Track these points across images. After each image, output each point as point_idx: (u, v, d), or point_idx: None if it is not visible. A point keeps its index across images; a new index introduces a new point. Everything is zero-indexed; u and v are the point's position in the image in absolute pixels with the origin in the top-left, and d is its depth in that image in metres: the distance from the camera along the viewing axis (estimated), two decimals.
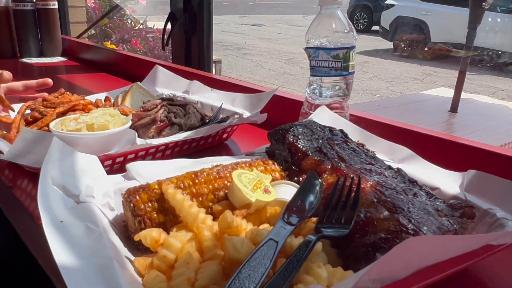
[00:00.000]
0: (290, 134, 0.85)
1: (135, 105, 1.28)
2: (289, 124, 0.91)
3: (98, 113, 1.02)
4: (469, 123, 4.11)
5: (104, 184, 0.76)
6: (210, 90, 1.41)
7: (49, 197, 0.68)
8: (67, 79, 2.18)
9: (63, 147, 0.76)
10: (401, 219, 0.62)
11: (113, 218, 0.74)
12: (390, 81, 8.44)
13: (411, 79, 8.56)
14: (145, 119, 1.13)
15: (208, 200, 0.72)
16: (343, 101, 1.12)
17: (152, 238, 0.62)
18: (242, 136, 1.29)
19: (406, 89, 7.72)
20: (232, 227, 0.61)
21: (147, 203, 0.68)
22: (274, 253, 0.55)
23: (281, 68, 9.30)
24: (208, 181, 0.73)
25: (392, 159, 0.94)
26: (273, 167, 0.80)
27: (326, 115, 1.06)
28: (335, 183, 0.71)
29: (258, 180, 0.72)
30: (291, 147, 0.84)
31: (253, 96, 1.27)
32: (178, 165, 0.87)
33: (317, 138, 0.87)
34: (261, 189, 0.70)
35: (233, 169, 0.77)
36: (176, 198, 0.66)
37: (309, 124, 0.91)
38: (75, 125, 0.97)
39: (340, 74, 1.08)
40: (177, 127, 1.13)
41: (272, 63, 9.73)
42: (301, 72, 8.94)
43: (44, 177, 0.71)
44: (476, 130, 3.77)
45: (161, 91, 1.49)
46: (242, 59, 10.07)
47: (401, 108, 4.63)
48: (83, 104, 1.12)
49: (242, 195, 0.67)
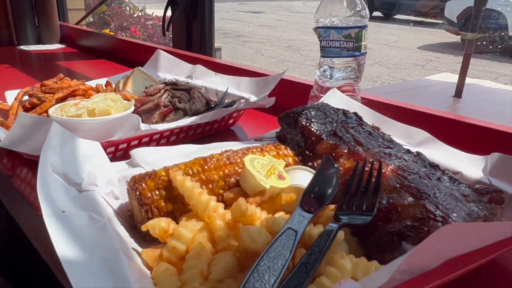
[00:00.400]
0: (303, 117, 0.81)
1: (137, 90, 1.23)
2: (301, 107, 0.86)
3: (99, 98, 0.97)
4: (474, 108, 4.06)
5: (107, 171, 0.72)
6: (214, 74, 1.36)
7: (49, 185, 0.64)
8: (66, 66, 2.12)
9: (63, 132, 0.72)
10: (428, 205, 0.57)
11: (118, 207, 0.70)
12: (392, 67, 8.35)
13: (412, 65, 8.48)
14: (148, 105, 1.08)
15: (218, 187, 0.68)
16: (354, 83, 1.08)
17: (161, 228, 0.58)
18: (248, 121, 1.25)
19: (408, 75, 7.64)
20: (246, 216, 0.57)
21: (154, 191, 0.64)
22: (293, 243, 0.51)
23: (282, 56, 9.21)
24: (218, 167, 0.69)
25: (409, 142, 0.90)
26: (285, 152, 0.76)
27: (338, 98, 1.02)
28: (354, 168, 0.67)
29: (271, 165, 0.68)
30: (304, 131, 0.79)
31: (260, 80, 1.22)
32: (185, 151, 0.83)
33: (331, 121, 0.82)
34: (275, 175, 0.66)
35: (244, 154, 0.73)
36: (185, 185, 0.62)
37: (322, 107, 0.86)
38: (75, 110, 0.92)
39: (352, 55, 1.03)
40: (181, 112, 1.08)
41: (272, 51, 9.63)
42: (301, 59, 8.84)
43: (44, 164, 0.66)
44: (481, 116, 3.71)
45: (164, 76, 1.44)
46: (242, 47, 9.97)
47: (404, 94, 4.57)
48: (83, 89, 1.07)
49: (256, 182, 0.63)
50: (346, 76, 1.06)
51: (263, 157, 0.69)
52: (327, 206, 0.62)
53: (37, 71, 2.05)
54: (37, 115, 1.00)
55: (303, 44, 10.17)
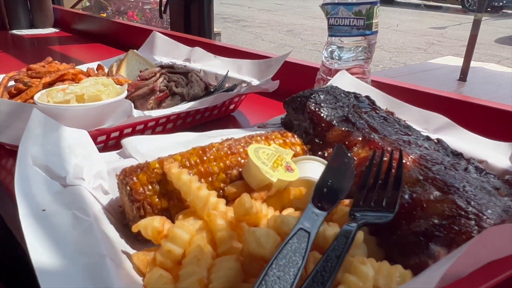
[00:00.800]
0: (311, 102, 0.73)
1: (131, 74, 1.16)
2: (309, 91, 0.79)
3: (89, 83, 0.90)
4: (480, 91, 3.96)
5: (96, 163, 0.65)
6: (214, 57, 1.28)
7: (29, 180, 0.57)
8: (60, 50, 2.04)
9: (46, 120, 0.65)
10: (458, 201, 0.50)
11: (107, 203, 0.63)
12: (393, 51, 8.23)
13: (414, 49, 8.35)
14: (143, 89, 1.01)
15: (219, 181, 0.61)
16: (364, 64, 1.00)
17: (154, 228, 0.51)
18: (250, 107, 1.17)
19: (410, 59, 7.53)
20: (251, 214, 0.50)
21: (146, 185, 0.57)
22: (306, 247, 0.44)
23: (282, 40, 9.07)
24: (218, 158, 0.62)
25: (426, 128, 0.83)
26: (293, 140, 0.69)
27: (347, 80, 0.94)
28: (370, 158, 0.60)
29: (278, 156, 0.60)
30: (313, 116, 0.72)
31: (262, 63, 1.15)
32: (182, 140, 0.75)
33: (342, 106, 0.75)
34: (282, 167, 0.58)
35: (247, 143, 0.65)
36: (182, 179, 0.55)
37: (332, 90, 0.78)
38: (63, 96, 0.84)
39: (362, 34, 0.95)
40: (178, 98, 1.01)
41: (272, 35, 9.49)
42: (302, 44, 8.72)
43: (23, 156, 0.59)
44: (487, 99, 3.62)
45: (160, 59, 1.36)
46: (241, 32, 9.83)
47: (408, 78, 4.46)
48: (72, 74, 0.99)
49: (261, 174, 0.56)
50: (356, 57, 0.98)
51: (269, 146, 0.62)
52: (341, 201, 0.55)
53: (30, 56, 1.96)
54: (23, 102, 0.93)
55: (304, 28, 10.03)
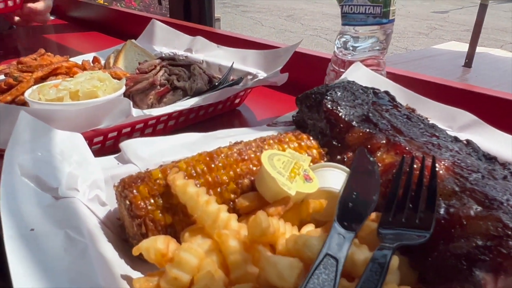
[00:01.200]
0: (328, 100, 0.67)
1: (129, 66, 1.09)
2: (324, 86, 0.72)
3: (84, 78, 0.83)
4: (485, 78, 3.88)
5: (91, 170, 0.58)
6: (217, 47, 1.20)
7: (16, 193, 0.51)
8: (56, 39, 1.96)
9: (35, 123, 0.58)
10: (504, 218, 0.44)
11: (104, 215, 0.57)
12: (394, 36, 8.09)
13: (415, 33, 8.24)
14: (142, 84, 0.94)
15: (229, 191, 0.54)
16: (380, 55, 0.93)
17: (157, 251, 0.45)
18: (256, 101, 1.10)
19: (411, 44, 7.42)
20: (268, 234, 0.44)
21: (148, 199, 0.51)
22: (335, 278, 0.38)
23: (282, 26, 8.95)
24: (227, 165, 0.56)
25: (450, 126, 0.76)
26: (308, 143, 0.62)
27: (362, 73, 0.87)
28: (399, 166, 0.54)
29: (294, 163, 0.54)
30: (330, 116, 0.65)
31: (268, 53, 1.07)
32: (185, 141, 0.69)
33: (361, 104, 0.68)
34: (300, 176, 0.52)
35: (258, 147, 0.59)
36: (188, 193, 0.49)
37: (349, 86, 0.72)
38: (56, 93, 0.78)
39: (378, 22, 0.88)
40: (180, 92, 0.94)
41: (272, 20, 9.35)
42: (302, 29, 8.60)
43: (10, 165, 0.53)
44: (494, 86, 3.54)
45: (160, 49, 1.28)
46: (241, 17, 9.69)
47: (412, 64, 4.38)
48: (66, 67, 0.92)
49: (277, 187, 0.49)
50: (371, 47, 0.91)
51: (284, 152, 0.56)
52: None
53: (22, 46, 1.89)
54: (13, 98, 0.86)
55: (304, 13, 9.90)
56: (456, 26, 8.60)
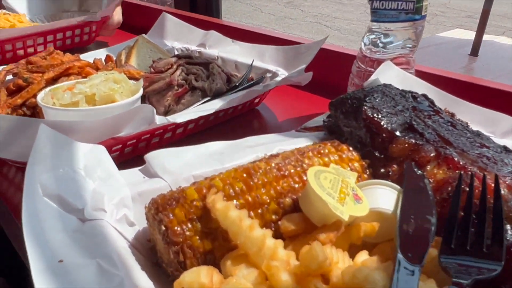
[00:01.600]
0: (368, 106, 0.62)
1: (142, 64, 1.03)
2: (361, 91, 0.67)
3: (99, 79, 0.78)
4: (492, 67, 3.81)
5: (117, 187, 0.54)
6: (231, 41, 1.15)
7: (39, 217, 0.46)
8: None
9: (55, 137, 0.53)
10: None
11: (134, 237, 0.52)
12: None
13: None
14: (158, 84, 0.89)
15: (270, 212, 0.50)
16: (410, 53, 0.88)
17: (201, 285, 0.40)
18: (275, 99, 1.05)
19: None
20: (324, 268, 0.40)
21: (185, 223, 0.46)
22: None
23: (281, 12, 8.82)
24: (267, 182, 0.51)
25: (492, 132, 0.72)
26: (350, 155, 0.58)
27: (393, 73, 0.82)
28: (456, 184, 0.49)
29: (341, 180, 0.50)
30: (371, 124, 0.61)
31: (289, 50, 1.02)
32: (213, 150, 0.64)
33: (402, 110, 0.63)
34: (349, 197, 0.48)
35: (298, 161, 0.54)
36: (230, 217, 0.44)
37: (387, 90, 0.67)
38: (70, 97, 0.73)
39: (411, 19, 0.83)
40: (199, 93, 0.89)
41: (271, 7, 9.22)
42: (302, 16, 8.48)
43: (31, 186, 0.48)
44: (501, 75, 3.49)
45: (171, 44, 1.23)
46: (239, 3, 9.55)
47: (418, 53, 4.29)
48: (78, 67, 0.87)
49: (328, 211, 0.45)
50: (402, 45, 0.86)
51: (329, 168, 0.51)
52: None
53: None
54: (23, 101, 0.81)
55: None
56: (458, 12, 8.50)
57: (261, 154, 0.63)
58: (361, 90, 0.67)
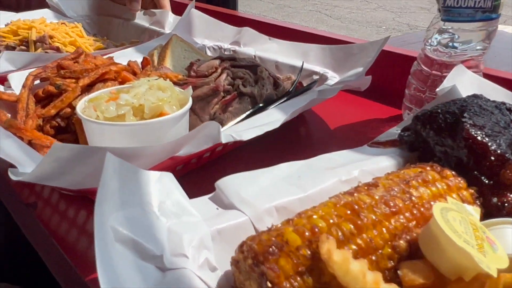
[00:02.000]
0: (469, 124, 0.54)
1: (177, 65, 0.95)
2: (453, 104, 0.59)
3: (144, 87, 0.69)
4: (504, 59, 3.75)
5: (193, 224, 0.46)
6: (268, 39, 1.06)
7: (115, 269, 0.38)
8: None
9: (122, 167, 0.45)
10: None
11: (217, 285, 0.44)
12: (396, 11, 7.93)
13: (417, 8, 8.04)
14: (202, 89, 0.81)
15: (385, 259, 0.42)
16: (480, 56, 0.80)
17: None
18: None
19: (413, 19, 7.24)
20: None
21: (294, 278, 0.39)
22: None
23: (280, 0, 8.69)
24: (377, 222, 0.43)
25: None
26: (457, 182, 0.50)
27: (467, 78, 0.74)
28: None
29: (469, 220, 0.42)
30: (475, 145, 0.53)
31: (337, 50, 0.94)
32: (288, 174, 0.56)
33: (504, 127, 0.56)
34: (486, 242, 0.40)
35: (404, 193, 0.47)
36: (351, 272, 0.37)
37: (483, 103, 0.59)
38: (116, 109, 0.64)
39: (487, 18, 0.75)
40: (248, 100, 0.81)
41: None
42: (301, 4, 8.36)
43: (102, 230, 0.40)
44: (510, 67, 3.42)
45: (201, 42, 1.14)
46: None
47: None
48: (115, 71, 0.78)
49: (471, 263, 0.37)
50: (475, 46, 0.78)
51: (449, 204, 0.43)
52: None
53: None
54: (57, 111, 0.72)
55: None
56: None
57: (344, 177, 0.56)
58: (452, 103, 0.59)
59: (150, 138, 0.64)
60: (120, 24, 1.37)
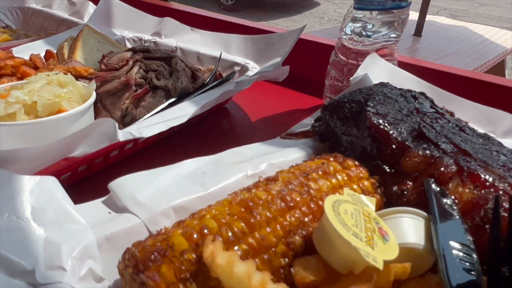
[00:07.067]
0: (372, 113, 0.53)
1: (89, 58, 0.89)
2: (358, 93, 0.58)
3: (41, 83, 0.64)
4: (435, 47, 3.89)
5: (77, 232, 0.42)
6: (190, 30, 1.02)
7: None
8: None
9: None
10: None
11: None
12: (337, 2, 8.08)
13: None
14: (112, 84, 0.76)
15: (278, 256, 0.40)
16: (394, 44, 0.80)
17: None
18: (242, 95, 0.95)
19: None
20: None
21: (176, 285, 0.36)
22: None
23: None
24: (272, 218, 0.41)
25: (492, 131, 0.66)
26: (358, 172, 0.49)
27: (380, 67, 0.75)
28: (493, 209, 0.42)
29: (362, 212, 0.41)
30: (378, 133, 0.52)
31: (258, 39, 0.91)
32: (190, 170, 0.53)
33: (407, 115, 0.56)
34: (376, 234, 0.39)
35: (302, 186, 0.45)
36: (236, 276, 0.34)
37: (388, 91, 0.59)
38: (5, 108, 0.59)
39: (398, 6, 0.75)
40: (162, 93, 0.77)
41: None
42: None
43: None
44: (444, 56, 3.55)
45: (121, 33, 1.08)
46: None
47: None
48: (12, 66, 0.72)
49: (358, 257, 0.36)
50: (387, 35, 0.78)
51: (344, 196, 0.42)
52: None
53: None
54: None
55: None
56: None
57: (250, 171, 0.54)
58: (358, 92, 0.59)
59: (47, 139, 0.59)
60: (36, 14, 1.28)
